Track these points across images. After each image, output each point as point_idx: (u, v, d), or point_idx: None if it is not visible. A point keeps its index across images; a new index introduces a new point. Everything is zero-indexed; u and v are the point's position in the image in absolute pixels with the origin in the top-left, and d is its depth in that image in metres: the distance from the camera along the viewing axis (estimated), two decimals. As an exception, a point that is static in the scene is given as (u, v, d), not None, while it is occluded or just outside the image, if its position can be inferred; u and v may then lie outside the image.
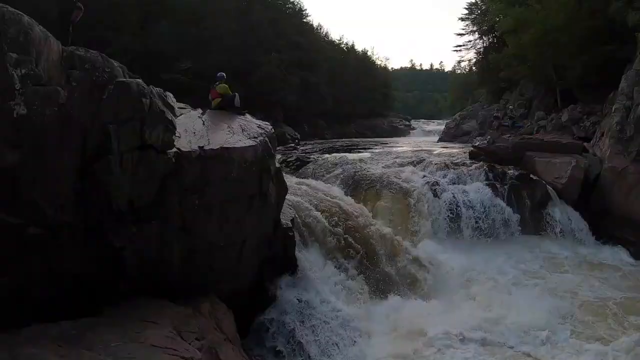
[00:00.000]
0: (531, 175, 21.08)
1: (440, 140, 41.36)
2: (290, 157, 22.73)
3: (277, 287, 11.65)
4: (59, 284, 7.72)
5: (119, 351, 6.61)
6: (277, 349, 10.96)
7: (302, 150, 25.24)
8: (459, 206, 18.65)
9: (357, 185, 18.31)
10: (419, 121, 70.64)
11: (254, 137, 10.64)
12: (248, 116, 12.48)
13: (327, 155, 22.09)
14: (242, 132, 10.85)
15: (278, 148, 22.53)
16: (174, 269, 9.17)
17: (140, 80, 8.58)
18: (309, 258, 12.79)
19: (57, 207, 7.51)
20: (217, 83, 13.31)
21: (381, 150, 25.67)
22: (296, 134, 39.83)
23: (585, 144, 23.41)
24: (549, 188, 20.44)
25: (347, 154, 22.60)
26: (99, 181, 7.82)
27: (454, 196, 18.89)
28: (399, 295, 13.75)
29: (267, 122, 12.38)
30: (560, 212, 19.91)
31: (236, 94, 12.83)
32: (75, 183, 7.67)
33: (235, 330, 9.64)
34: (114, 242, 8.19)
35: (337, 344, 11.47)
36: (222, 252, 9.90)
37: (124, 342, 6.89)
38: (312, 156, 22.54)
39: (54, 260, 7.64)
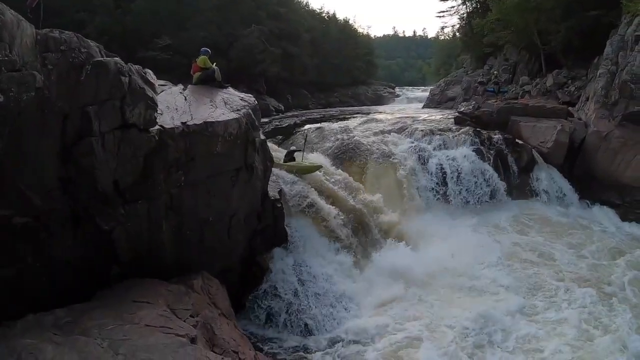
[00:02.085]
0: (517, 140, 21.26)
1: (425, 106, 41.26)
2: (275, 128, 22.61)
3: (269, 260, 11.73)
4: (52, 272, 7.68)
5: (114, 334, 6.62)
6: (272, 320, 11.18)
7: (287, 121, 25.07)
8: (445, 172, 18.77)
9: (343, 155, 18.28)
10: (403, 88, 70.35)
11: (237, 110, 10.57)
12: (230, 89, 12.34)
13: (311, 126, 21.93)
14: (225, 105, 10.76)
15: (262, 120, 22.44)
16: (164, 247, 9.16)
17: (118, 59, 8.39)
18: (299, 229, 12.85)
19: (43, 194, 7.41)
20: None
21: (366, 118, 25.52)
22: (280, 105, 39.59)
23: (570, 108, 23.58)
24: (535, 152, 20.68)
25: (331, 124, 22.50)
26: (82, 164, 7.72)
27: (440, 162, 19.00)
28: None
29: (250, 95, 12.26)
30: (547, 176, 20.22)
31: (216, 67, 12.63)
32: (58, 168, 7.57)
33: (229, 304, 9.69)
34: (102, 225, 8.12)
35: (331, 313, 11.69)
36: (211, 228, 9.90)
37: (119, 324, 6.90)
38: (296, 127, 22.42)
39: (45, 248, 7.58)
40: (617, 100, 20.15)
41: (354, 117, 26.06)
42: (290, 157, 15.36)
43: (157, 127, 8.81)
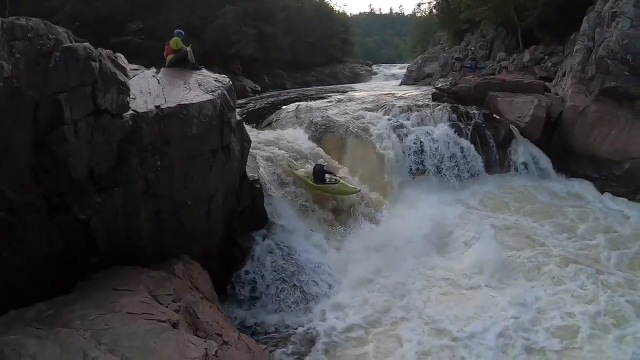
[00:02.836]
0: (494, 115, 21.41)
1: (402, 83, 41.21)
2: (251, 109, 22.43)
3: (250, 241, 11.77)
4: (30, 266, 7.60)
5: (96, 323, 6.60)
6: (255, 300, 11.27)
7: (264, 102, 24.88)
8: (423, 148, 18.82)
9: (321, 133, 18.19)
10: (380, 66, 70.10)
11: (212, 91, 10.44)
12: (204, 71, 12.15)
13: (289, 105, 21.81)
14: (199, 87, 10.62)
15: (239, 101, 22.26)
16: (143, 234, 9.10)
17: (87, 44, 8.18)
18: (279, 209, 12.89)
19: (17, 187, 7.29)
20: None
21: (343, 96, 25.48)
22: (256, 86, 39.23)
23: (547, 83, 23.76)
24: (513, 127, 20.88)
25: (309, 103, 22.37)
26: (55, 153, 7.58)
27: (418, 138, 19.03)
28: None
29: (224, 75, 12.11)
30: (524, 150, 20.46)
31: (188, 48, 12.42)
32: (32, 159, 7.42)
33: (211, 287, 9.70)
34: (79, 214, 8.02)
35: (313, 290, 11.87)
36: (190, 211, 9.83)
37: (100, 313, 6.87)
38: (274, 107, 22.27)
39: (22, 242, 7.49)
40: (593, 76, 20.39)
41: (331, 96, 25.94)
42: (320, 176, 14.01)
43: (130, 111, 8.67)
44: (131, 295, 7.52)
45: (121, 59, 9.64)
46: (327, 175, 14.06)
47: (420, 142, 18.99)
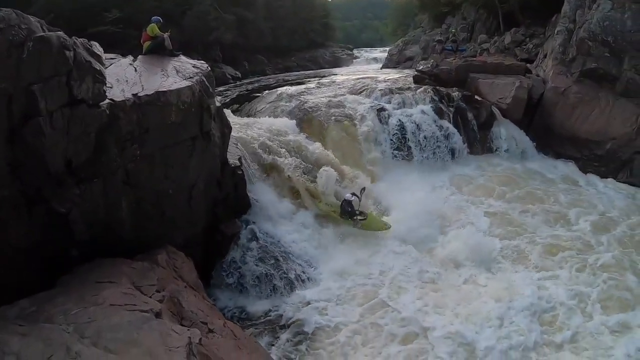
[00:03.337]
0: (476, 97, 21.44)
1: (383, 67, 41.19)
2: (232, 96, 22.25)
3: (233, 227, 11.74)
4: (10, 262, 7.48)
5: (79, 317, 6.52)
6: (241, 287, 11.31)
7: (244, 88, 24.67)
8: (405, 130, 18.83)
9: (303, 118, 18.15)
10: (362, 50, 69.94)
11: (190, 78, 10.31)
12: (182, 57, 12.01)
13: (270, 91, 21.67)
14: (177, 73, 10.49)
15: (220, 88, 22.07)
16: (124, 225, 9.00)
17: (61, 33, 7.99)
18: (261, 195, 12.89)
19: (-7, 182, 7.11)
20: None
21: (325, 81, 25.31)
22: (237, 72, 38.84)
23: (528, 65, 24.00)
24: (494, 108, 20.94)
25: (290, 88, 22.23)
26: (31, 146, 7.43)
27: (400, 121, 19.03)
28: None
29: (202, 61, 11.96)
30: (506, 131, 20.62)
31: (165, 35, 12.26)
32: (7, 153, 7.25)
33: (196, 276, 9.65)
34: (58, 208, 7.88)
35: (297, 276, 11.89)
36: (171, 200, 9.76)
37: (83, 307, 6.79)
38: (254, 93, 22.11)
39: (1, 238, 7.36)
40: (574, 57, 20.68)
41: (312, 80, 25.81)
42: (349, 208, 13.54)
43: (107, 101, 8.53)
44: (114, 287, 7.45)
45: (96, 47, 9.45)
46: (354, 201, 13.70)
47: (402, 124, 18.96)
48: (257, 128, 15.60)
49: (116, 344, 6.13)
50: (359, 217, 13.57)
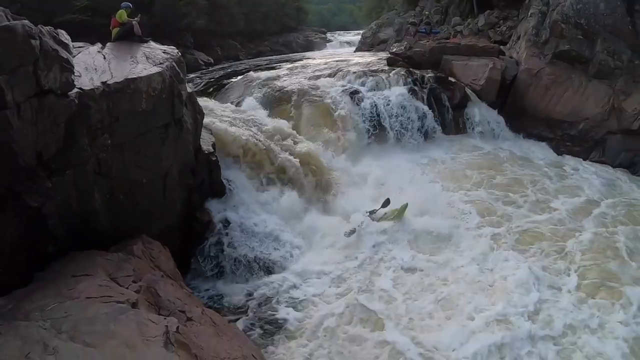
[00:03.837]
0: (449, 78, 21.60)
1: (357, 50, 40.96)
2: (204, 81, 22.01)
3: (209, 214, 11.69)
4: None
5: (55, 312, 6.43)
6: (220, 273, 11.31)
7: (217, 74, 24.40)
8: (380, 112, 18.94)
9: (277, 102, 18.13)
10: (335, 33, 69.64)
11: (160, 64, 10.16)
12: (152, 43, 11.82)
13: (242, 76, 21.49)
14: (147, 60, 10.32)
15: (192, 75, 21.82)
16: (99, 216, 8.87)
17: (26, 21, 7.72)
18: (237, 181, 12.78)
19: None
20: None
21: (298, 64, 25.17)
22: (209, 58, 38.43)
23: (501, 47, 24.20)
24: (468, 90, 21.12)
25: (263, 72, 22.08)
26: (-1, 140, 7.23)
27: (374, 103, 19.11)
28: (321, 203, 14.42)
29: (172, 47, 11.80)
30: (480, 112, 20.86)
31: (134, 21, 12.06)
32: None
33: (173, 265, 9.57)
34: (31, 202, 7.70)
35: (275, 259, 11.93)
36: (145, 189, 9.65)
37: (59, 302, 6.69)
38: (226, 79, 21.91)
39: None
40: (547, 39, 20.99)
41: (286, 64, 25.66)
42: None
43: (75, 90, 8.32)
44: (90, 280, 7.35)
45: (63, 35, 9.21)
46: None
47: (376, 106, 19.05)
48: (228, 114, 15.38)
49: (93, 337, 6.07)
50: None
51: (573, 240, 13.00)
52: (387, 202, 13.66)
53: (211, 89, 20.52)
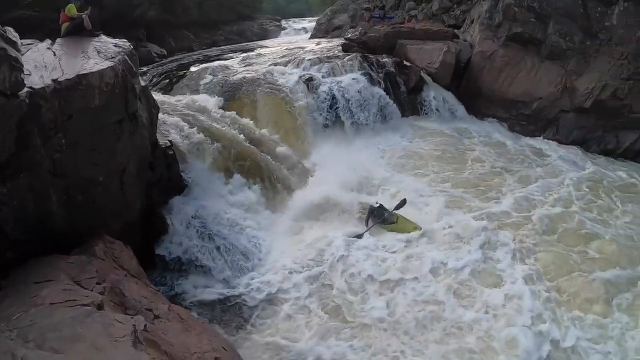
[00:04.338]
0: (405, 62, 21.88)
1: (312, 37, 40.87)
2: (158, 74, 21.60)
3: (170, 210, 11.54)
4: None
5: (20, 321, 6.26)
6: (185, 268, 11.18)
7: (170, 66, 23.96)
8: (336, 98, 19.03)
9: (232, 93, 18.01)
10: (290, 20, 69.13)
11: (112, 58, 9.88)
12: (103, 37, 11.50)
13: (197, 67, 21.20)
14: (98, 54, 10.03)
15: (145, 68, 21.39)
16: (57, 218, 8.63)
17: (-31, 19, 7.51)
18: (196, 174, 12.62)
19: None
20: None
21: (253, 53, 24.96)
22: (162, 50, 37.63)
23: (455, 31, 24.64)
24: (423, 73, 21.56)
25: (218, 62, 21.81)
26: (-56, 147, 6.91)
27: (330, 89, 19.21)
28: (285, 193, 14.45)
29: (124, 40, 11.51)
30: (436, 95, 21.37)
31: (84, 15, 11.74)
32: None
33: (136, 263, 9.42)
34: (-16, 209, 7.44)
35: (241, 252, 11.92)
36: (102, 187, 9.41)
37: (24, 310, 6.50)
38: (180, 71, 21.56)
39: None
40: (500, 23, 21.68)
41: (240, 54, 25.39)
42: (377, 214, 13.24)
43: (25, 89, 8.00)
44: (53, 285, 7.18)
45: (11, 32, 8.86)
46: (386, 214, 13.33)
47: (333, 92, 19.15)
48: (182, 106, 15.19)
49: (61, 343, 5.94)
50: (390, 216, 13.32)
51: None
52: (403, 203, 13.57)
53: (165, 82, 20.10)
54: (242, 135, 14.69)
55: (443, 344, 9.45)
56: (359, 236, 12.85)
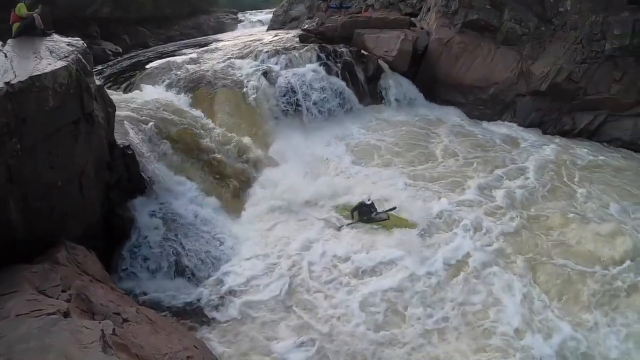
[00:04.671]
0: (362, 51, 21.98)
1: (269, 29, 40.54)
2: (114, 73, 21.15)
3: (132, 211, 11.34)
4: None
5: (-13, 337, 6.10)
6: (150, 270, 11.02)
7: (126, 63, 23.49)
8: (295, 90, 19.10)
9: (190, 88, 17.71)
10: (246, 13, 68.57)
11: (65, 57, 9.63)
12: (55, 36, 11.23)
13: (153, 64, 20.83)
14: (51, 54, 9.77)
15: (100, 66, 20.93)
16: (16, 226, 8.38)
17: None
18: (157, 173, 12.41)
19: None
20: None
21: (210, 47, 24.67)
22: (117, 48, 36.75)
23: (412, 19, 24.78)
24: (381, 61, 21.75)
25: (174, 58, 21.46)
26: None
27: (289, 81, 19.24)
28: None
29: (77, 38, 11.25)
30: (394, 83, 21.65)
31: (35, 14, 11.40)
32: None
33: (101, 268, 9.29)
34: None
35: (206, 251, 11.83)
36: (61, 191, 9.16)
37: (-9, 324, 6.35)
38: (137, 68, 21.14)
39: None
40: (457, 10, 22.18)
41: (197, 48, 25.07)
42: (367, 213, 13.09)
43: (-23, 94, 7.77)
44: (17, 297, 7.03)
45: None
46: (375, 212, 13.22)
47: (291, 84, 19.20)
48: (139, 104, 14.87)
49: (29, 355, 5.79)
50: (380, 214, 13.24)
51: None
52: (392, 209, 13.46)
53: (121, 80, 19.68)
54: (200, 131, 14.54)
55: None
56: (339, 229, 12.94)
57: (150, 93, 16.56)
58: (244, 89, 18.19)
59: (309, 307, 10.38)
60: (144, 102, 15.10)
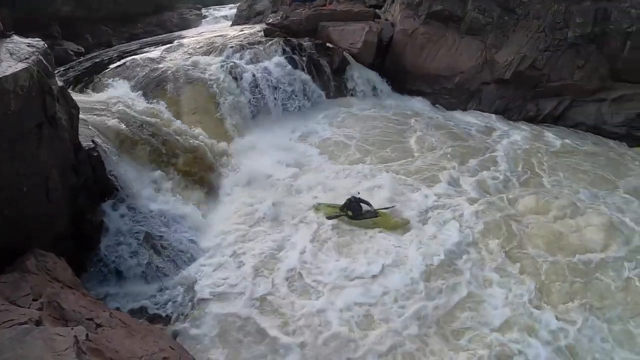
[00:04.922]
0: (327, 44, 22.08)
1: (233, 24, 40.34)
2: (76, 73, 20.74)
3: (100, 214, 11.15)
4: None
5: (-41, 351, 5.95)
6: (122, 273, 10.94)
7: (88, 63, 23.06)
8: (260, 85, 19.15)
9: (155, 86, 17.61)
10: (210, 9, 68.03)
11: (26, 59, 9.36)
12: (15, 37, 10.89)
13: (117, 63, 20.50)
14: (11, 56, 9.47)
15: (62, 67, 20.52)
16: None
17: None
18: (124, 175, 12.21)
19: None
20: None
21: (174, 44, 24.25)
22: (79, 47, 36.11)
23: (376, 11, 24.89)
24: (346, 54, 21.91)
25: (139, 56, 21.15)
26: None
27: (254, 76, 19.26)
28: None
29: (38, 39, 10.94)
30: (360, 74, 21.88)
31: None
32: None
33: (72, 274, 9.12)
34: None
35: (179, 250, 11.86)
36: (27, 198, 8.95)
37: (-39, 339, 6.18)
38: (101, 67, 20.78)
39: None
40: (421, 1, 22.62)
41: (161, 46, 24.70)
42: (357, 209, 12.90)
43: None
44: (-13, 308, 6.87)
45: None
46: (364, 207, 13.04)
47: (256, 79, 19.23)
48: (103, 104, 14.59)
49: (4, 367, 5.71)
50: (370, 211, 13.07)
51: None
52: (386, 208, 13.40)
53: (84, 80, 19.31)
54: (167, 129, 14.41)
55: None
56: (329, 217, 12.98)
57: (113, 92, 16.25)
58: (210, 85, 18.16)
59: (280, 312, 10.39)
60: (107, 101, 14.84)
